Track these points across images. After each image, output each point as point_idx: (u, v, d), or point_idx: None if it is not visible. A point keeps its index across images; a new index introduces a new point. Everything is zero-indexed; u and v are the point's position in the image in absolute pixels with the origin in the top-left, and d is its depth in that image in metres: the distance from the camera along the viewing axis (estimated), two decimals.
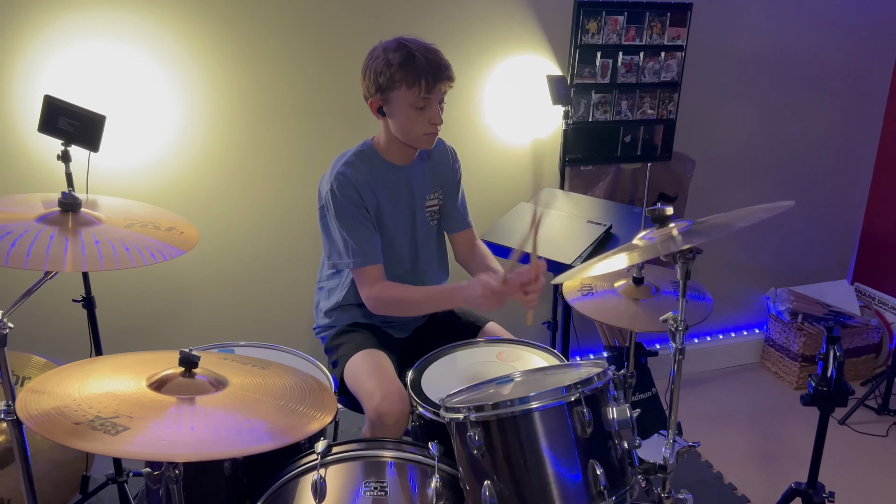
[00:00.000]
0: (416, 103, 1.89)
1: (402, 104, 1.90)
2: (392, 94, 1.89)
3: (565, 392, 1.41)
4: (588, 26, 2.77)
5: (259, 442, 1.34)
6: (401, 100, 1.89)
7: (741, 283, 3.51)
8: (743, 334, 3.62)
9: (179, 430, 1.30)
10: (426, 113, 1.92)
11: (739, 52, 3.07)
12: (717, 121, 3.15)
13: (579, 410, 1.41)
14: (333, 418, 1.90)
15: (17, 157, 2.30)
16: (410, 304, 2.01)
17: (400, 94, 1.88)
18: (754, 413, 3.21)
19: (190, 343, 2.21)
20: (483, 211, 2.81)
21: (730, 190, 3.29)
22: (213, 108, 2.47)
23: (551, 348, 2.02)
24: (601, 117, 2.92)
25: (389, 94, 1.89)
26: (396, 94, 1.89)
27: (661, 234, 1.48)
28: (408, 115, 1.91)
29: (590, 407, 1.42)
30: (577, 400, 1.41)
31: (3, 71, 2.23)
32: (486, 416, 1.44)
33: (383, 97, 1.90)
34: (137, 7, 2.31)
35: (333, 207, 1.94)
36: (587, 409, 1.41)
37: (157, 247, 1.60)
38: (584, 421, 1.41)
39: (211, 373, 1.48)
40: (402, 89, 1.87)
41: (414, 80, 1.86)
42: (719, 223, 1.49)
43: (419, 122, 1.92)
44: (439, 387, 1.88)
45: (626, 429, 1.45)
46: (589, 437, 1.42)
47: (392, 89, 1.88)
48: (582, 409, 1.41)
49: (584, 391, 1.42)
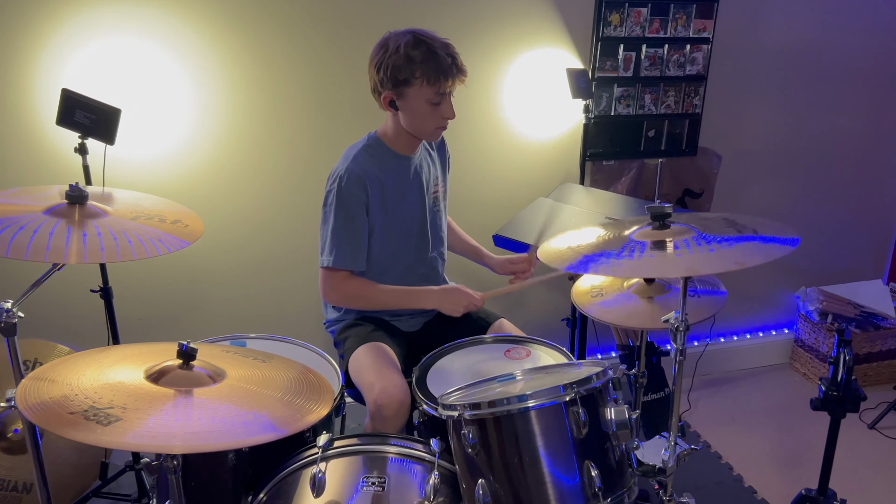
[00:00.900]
0: (432, 99, 1.90)
1: (418, 100, 1.90)
2: (409, 89, 1.89)
3: (562, 391, 1.39)
4: (610, 19, 2.72)
5: (252, 435, 1.34)
6: (418, 95, 1.89)
7: (770, 282, 3.42)
8: (772, 334, 3.53)
9: (176, 421, 1.31)
10: (440, 108, 1.92)
11: (768, 44, 2.99)
12: (745, 115, 3.07)
13: (575, 410, 1.39)
14: (334, 411, 1.93)
15: (39, 149, 2.35)
16: (375, 301, 2.06)
17: (418, 90, 1.88)
18: (780, 415, 3.13)
19: (206, 334, 2.26)
20: (500, 205, 2.80)
21: (757, 186, 3.21)
22: (229, 102, 2.49)
23: (560, 346, 1.99)
24: (623, 111, 2.86)
25: (406, 90, 1.89)
26: (413, 90, 1.89)
27: (652, 239, 1.42)
28: (423, 110, 1.91)
29: (586, 407, 1.40)
30: (572, 400, 1.39)
31: (26, 65, 2.28)
32: (480, 413, 1.43)
33: (398, 92, 1.90)
34: (156, 3, 2.33)
35: (336, 201, 1.95)
36: (583, 409, 1.39)
37: (161, 237, 1.62)
38: (580, 421, 1.38)
39: (210, 365, 1.50)
40: (422, 85, 1.87)
41: (436, 77, 1.86)
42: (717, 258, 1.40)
43: (433, 116, 1.93)
44: (444, 383, 1.87)
45: (624, 430, 1.42)
46: (585, 438, 1.40)
47: (410, 85, 1.88)
48: (578, 409, 1.39)
49: (580, 391, 1.39)
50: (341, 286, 2.02)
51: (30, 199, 1.63)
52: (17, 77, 2.28)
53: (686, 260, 1.31)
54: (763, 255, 1.26)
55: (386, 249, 2.06)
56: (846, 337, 1.51)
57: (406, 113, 1.93)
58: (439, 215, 2.17)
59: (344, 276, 2.00)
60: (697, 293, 1.86)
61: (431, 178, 2.12)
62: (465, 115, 2.72)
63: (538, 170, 2.86)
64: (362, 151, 1.99)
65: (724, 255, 1.31)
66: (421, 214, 2.09)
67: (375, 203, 1.98)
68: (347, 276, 2.01)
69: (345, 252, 1.97)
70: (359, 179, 1.93)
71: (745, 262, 1.25)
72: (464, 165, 2.76)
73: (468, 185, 2.77)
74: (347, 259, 1.97)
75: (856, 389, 1.52)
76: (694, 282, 1.93)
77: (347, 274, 2.01)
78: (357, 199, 1.94)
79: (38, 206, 1.59)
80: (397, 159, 2.02)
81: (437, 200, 2.15)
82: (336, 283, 2.01)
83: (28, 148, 2.34)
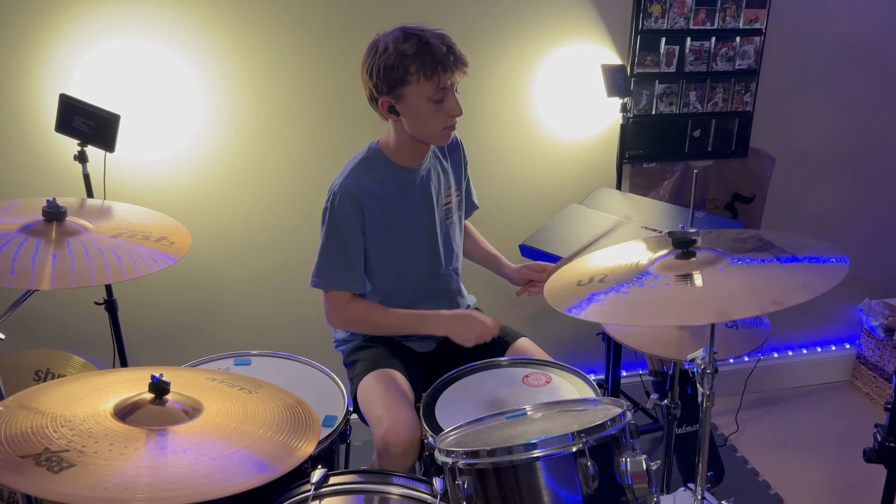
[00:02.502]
0: (433, 96, 1.72)
1: (418, 99, 1.73)
2: (406, 89, 1.72)
3: (571, 440, 1.22)
4: (651, 10, 2.51)
5: (227, 482, 1.22)
6: (417, 94, 1.73)
7: (830, 292, 3.13)
8: (831, 349, 3.25)
9: (140, 466, 1.19)
10: (444, 105, 1.75)
11: (828, 36, 2.71)
12: (801, 113, 2.80)
13: (583, 462, 1.22)
14: (339, 437, 1.79)
15: (42, 157, 2.27)
16: (379, 325, 1.91)
17: (416, 89, 1.72)
18: (838, 439, 2.87)
19: (217, 346, 2.15)
20: (528, 211, 2.62)
21: (814, 191, 2.94)
22: (244, 106, 2.37)
23: (581, 373, 1.81)
24: (666, 110, 2.65)
25: (403, 90, 1.73)
26: (411, 89, 1.72)
27: (675, 272, 1.22)
28: (425, 110, 1.75)
29: (596, 457, 1.23)
30: (580, 451, 1.22)
31: (30, 71, 2.20)
32: (478, 464, 1.27)
33: (395, 94, 1.74)
34: (160, 5, 2.23)
35: (328, 220, 1.81)
36: (591, 461, 1.22)
37: (144, 254, 1.51)
38: (588, 475, 1.21)
39: (187, 398, 1.37)
40: (420, 82, 1.71)
41: (432, 70, 1.69)
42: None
43: (438, 116, 1.76)
44: (455, 413, 1.72)
45: (641, 483, 1.24)
46: (594, 493, 1.22)
47: (406, 83, 1.72)
48: (586, 461, 1.21)
49: (588, 441, 1.22)
50: (343, 309, 1.87)
51: (12, 215, 1.54)
52: (21, 82, 2.21)
53: (712, 301, 1.11)
54: (806, 291, 1.07)
55: (391, 269, 1.91)
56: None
57: (408, 117, 1.77)
58: (453, 228, 2.00)
59: (345, 298, 1.86)
60: (736, 325, 1.66)
61: (442, 190, 1.95)
62: (492, 114, 2.55)
63: (571, 173, 2.67)
64: (360, 165, 1.84)
65: (758, 291, 1.11)
66: (430, 231, 1.92)
67: (374, 221, 1.83)
68: (349, 298, 1.87)
69: (334, 274, 1.83)
70: (353, 198, 1.79)
71: (784, 300, 1.05)
72: (489, 168, 2.59)
73: (494, 189, 2.60)
74: (337, 281, 1.83)
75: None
76: None
77: (349, 296, 1.86)
78: (349, 218, 1.79)
79: (15, 223, 1.49)
80: (400, 172, 1.86)
81: (450, 212, 1.98)
82: (337, 306, 1.87)
83: (31, 156, 2.26)
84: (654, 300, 1.17)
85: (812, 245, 1.27)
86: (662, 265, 1.24)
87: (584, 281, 1.33)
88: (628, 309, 1.17)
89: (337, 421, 1.80)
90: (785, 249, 1.24)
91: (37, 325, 2.42)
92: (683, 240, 1.22)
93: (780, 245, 1.25)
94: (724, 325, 1.66)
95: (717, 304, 1.10)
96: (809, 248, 1.25)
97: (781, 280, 1.16)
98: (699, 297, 1.13)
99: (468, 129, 2.54)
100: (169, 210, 1.87)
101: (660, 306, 1.14)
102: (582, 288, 1.30)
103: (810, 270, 1.19)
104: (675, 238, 1.22)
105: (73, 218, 1.52)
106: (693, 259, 1.23)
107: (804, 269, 1.19)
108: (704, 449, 1.36)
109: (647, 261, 1.28)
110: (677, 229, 1.22)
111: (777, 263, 1.21)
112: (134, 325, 2.43)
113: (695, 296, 1.14)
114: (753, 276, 1.19)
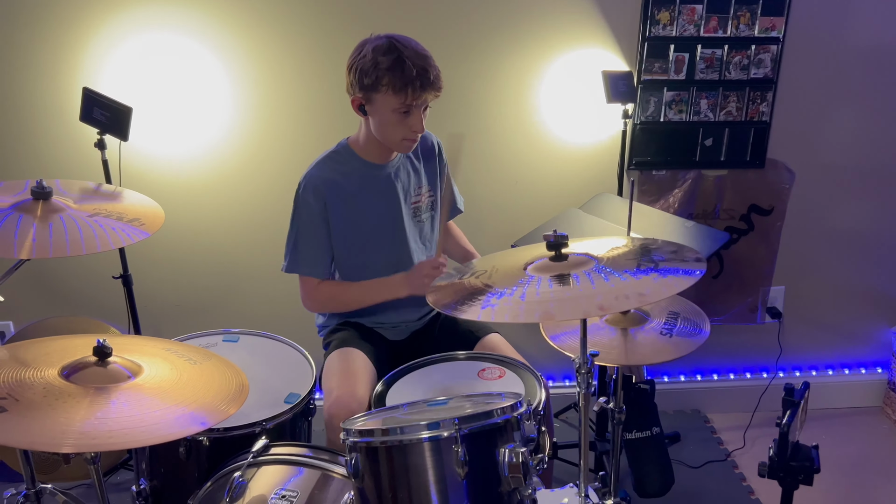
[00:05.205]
0: (399, 109, 1.83)
1: (385, 108, 1.84)
2: (376, 95, 1.84)
3: (439, 426, 1.29)
4: (659, 17, 2.50)
5: (142, 436, 1.36)
6: (384, 103, 1.84)
7: (860, 313, 3.01)
8: (860, 372, 3.11)
9: (72, 418, 1.35)
10: (408, 119, 1.85)
11: (851, 44, 2.60)
12: (823, 125, 2.70)
13: (456, 449, 1.29)
14: (302, 415, 1.92)
15: (72, 144, 2.50)
16: (347, 300, 2.03)
17: (384, 98, 1.83)
18: (863, 467, 2.74)
19: (234, 324, 2.30)
20: (528, 214, 2.65)
21: (839, 205, 2.81)
22: (266, 98, 2.53)
23: (535, 371, 1.86)
24: (675, 117, 2.62)
25: (373, 95, 1.84)
26: (380, 97, 1.83)
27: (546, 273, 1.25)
28: (390, 119, 1.86)
29: (471, 445, 1.29)
30: (451, 437, 1.29)
31: (69, 64, 2.44)
32: (362, 443, 1.36)
33: (366, 96, 1.86)
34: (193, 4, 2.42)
35: (294, 208, 1.95)
36: (464, 447, 1.28)
37: (117, 228, 1.69)
38: (460, 461, 1.28)
39: (130, 363, 1.53)
40: (387, 93, 1.82)
41: (401, 87, 1.80)
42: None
43: (400, 127, 1.87)
44: (403, 401, 1.81)
45: (516, 475, 1.30)
46: (468, 480, 1.29)
47: (376, 91, 1.83)
48: (458, 447, 1.28)
49: (461, 429, 1.29)
50: (314, 293, 2.02)
51: (6, 193, 1.75)
52: (58, 75, 2.45)
53: (540, 304, 1.15)
54: (637, 299, 1.09)
55: (358, 259, 2.02)
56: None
57: (374, 119, 1.88)
58: (422, 226, 2.09)
59: (313, 283, 2.01)
60: (672, 332, 1.66)
61: (412, 188, 2.05)
62: (495, 118, 2.61)
63: (575, 178, 2.69)
64: (326, 158, 1.98)
65: (591, 295, 1.14)
66: (396, 225, 2.02)
67: (337, 212, 1.95)
68: (317, 283, 2.00)
69: (298, 259, 1.98)
70: (315, 188, 1.92)
71: (609, 307, 1.08)
72: (492, 169, 2.65)
73: (495, 191, 2.67)
74: (301, 266, 1.97)
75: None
76: (676, 317, 1.73)
77: (317, 281, 2.00)
78: (311, 208, 1.92)
79: (7, 201, 1.70)
80: (365, 167, 1.97)
81: (419, 211, 2.07)
82: (309, 290, 2.02)
83: (63, 142, 2.51)
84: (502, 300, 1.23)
85: (688, 258, 1.28)
86: (538, 266, 1.29)
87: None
88: (491, 307, 1.23)
89: (298, 399, 1.94)
90: (658, 260, 1.26)
91: (78, 296, 2.71)
92: (557, 243, 1.26)
93: (663, 257, 1.27)
94: (658, 332, 1.67)
95: (544, 307, 1.14)
96: (683, 262, 1.25)
97: (624, 287, 1.18)
98: (534, 298, 1.18)
99: (473, 131, 2.62)
100: (191, 197, 2.05)
101: (505, 305, 1.20)
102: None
103: (654, 282, 1.21)
104: (548, 245, 1.27)
105: (58, 197, 1.71)
106: (565, 262, 1.27)
107: (652, 280, 1.21)
108: (584, 446, 1.39)
109: (526, 261, 1.33)
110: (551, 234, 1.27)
111: (637, 272, 1.23)
112: (161, 298, 2.67)
113: (531, 296, 1.19)
114: (600, 282, 1.21)
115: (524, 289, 1.22)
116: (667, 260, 1.24)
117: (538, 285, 1.22)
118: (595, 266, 1.24)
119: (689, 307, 1.77)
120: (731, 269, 2.86)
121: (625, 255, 1.30)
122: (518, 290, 1.23)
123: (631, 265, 1.23)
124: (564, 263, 1.28)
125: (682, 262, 1.22)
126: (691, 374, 3.06)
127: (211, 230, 2.67)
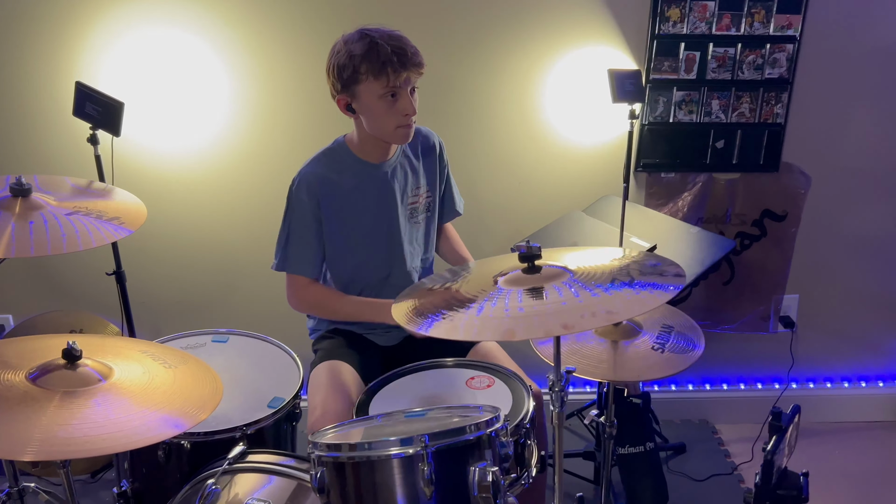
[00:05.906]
0: (384, 94, 1.77)
1: (370, 97, 1.79)
2: (358, 87, 1.79)
3: (410, 443, 1.24)
4: (668, 14, 2.40)
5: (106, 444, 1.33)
6: (368, 93, 1.78)
7: (878, 323, 2.89)
8: (878, 385, 2.99)
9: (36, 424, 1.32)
10: (397, 103, 1.79)
11: (871, 44, 2.48)
12: (841, 127, 2.58)
13: (422, 467, 1.23)
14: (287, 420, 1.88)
15: (72, 140, 2.48)
16: (334, 310, 1.98)
17: (366, 87, 1.78)
18: (878, 482, 2.64)
19: (232, 324, 2.27)
20: (531, 215, 2.59)
21: (857, 210, 2.70)
22: (265, 95, 2.50)
23: (525, 381, 1.79)
24: (685, 118, 2.53)
25: (356, 88, 1.79)
26: (363, 88, 1.78)
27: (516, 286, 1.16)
28: (378, 108, 1.80)
29: (440, 463, 1.24)
30: (418, 454, 1.23)
31: (65, 59, 2.42)
32: (328, 456, 1.31)
33: (350, 93, 1.81)
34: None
35: (287, 205, 1.90)
36: (431, 465, 1.22)
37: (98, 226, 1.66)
38: (426, 480, 1.22)
39: (101, 365, 1.50)
40: (369, 81, 1.76)
41: (380, 69, 1.74)
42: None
43: (391, 114, 1.80)
44: (386, 410, 1.76)
45: (486, 495, 1.24)
46: (434, 499, 1.23)
47: (357, 82, 1.78)
48: (424, 465, 1.23)
49: (430, 447, 1.23)
50: (301, 293, 1.96)
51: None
52: (54, 69, 2.43)
53: (504, 320, 1.08)
54: (606, 317, 1.02)
55: (351, 260, 1.97)
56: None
57: (364, 115, 1.83)
58: (418, 227, 2.03)
59: (304, 282, 1.95)
60: (664, 347, 1.58)
61: (409, 188, 1.99)
62: (499, 116, 2.55)
63: (581, 179, 2.61)
64: (322, 155, 1.93)
65: (557, 312, 1.07)
66: (391, 225, 1.97)
67: (331, 210, 1.90)
68: (308, 282, 1.95)
69: (288, 257, 1.92)
70: (308, 185, 1.87)
71: (573, 325, 1.01)
72: (495, 169, 2.59)
73: (498, 191, 2.60)
74: (292, 264, 1.92)
75: None
76: (670, 330, 1.65)
77: (308, 280, 1.95)
78: (304, 205, 1.88)
79: None
80: (360, 165, 1.92)
81: (416, 212, 2.02)
82: (296, 290, 1.96)
83: (58, 137, 2.49)
84: (471, 314, 1.17)
85: (667, 272, 1.20)
86: (510, 279, 1.22)
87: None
88: (450, 323, 1.17)
89: (282, 403, 1.90)
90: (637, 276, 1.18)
91: (79, 291, 2.69)
92: (529, 255, 1.19)
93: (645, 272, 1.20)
94: (650, 346, 1.59)
95: (508, 323, 1.07)
96: (661, 277, 1.18)
97: (593, 304, 1.10)
98: (501, 314, 1.11)
99: (477, 129, 2.56)
100: (191, 194, 2.02)
101: (473, 321, 1.13)
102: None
103: (627, 298, 1.13)
104: (520, 257, 1.20)
105: (37, 194, 1.68)
106: (538, 274, 1.20)
107: (624, 297, 1.13)
108: (558, 466, 1.32)
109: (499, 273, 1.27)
110: (522, 245, 1.20)
111: (610, 287, 1.16)
112: (162, 296, 2.66)
113: (499, 313, 1.12)
114: (570, 298, 1.14)
115: (491, 303, 1.15)
116: (643, 274, 1.17)
117: (507, 299, 1.16)
118: (568, 279, 1.17)
119: (684, 320, 1.69)
120: (742, 276, 2.76)
121: (604, 268, 1.23)
122: (485, 304, 1.16)
123: (605, 280, 1.15)
124: (537, 276, 1.21)
125: (660, 277, 1.14)
126: (700, 384, 2.97)
127: (211, 227, 2.64)
